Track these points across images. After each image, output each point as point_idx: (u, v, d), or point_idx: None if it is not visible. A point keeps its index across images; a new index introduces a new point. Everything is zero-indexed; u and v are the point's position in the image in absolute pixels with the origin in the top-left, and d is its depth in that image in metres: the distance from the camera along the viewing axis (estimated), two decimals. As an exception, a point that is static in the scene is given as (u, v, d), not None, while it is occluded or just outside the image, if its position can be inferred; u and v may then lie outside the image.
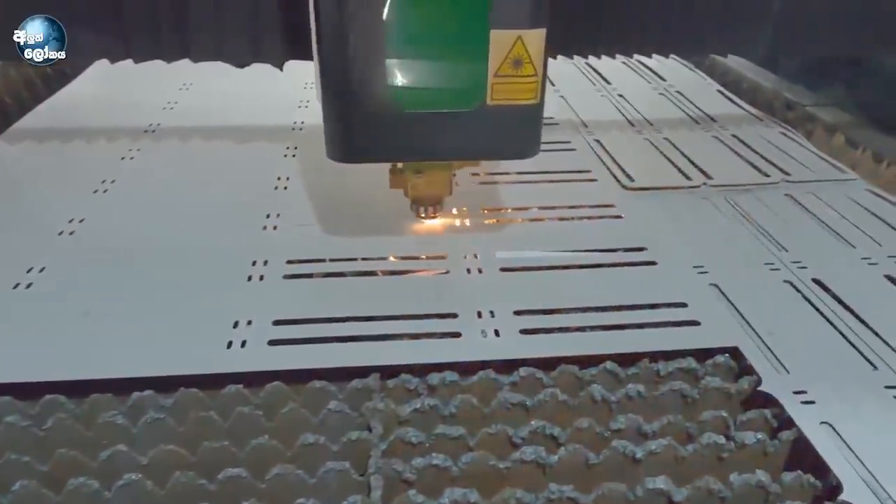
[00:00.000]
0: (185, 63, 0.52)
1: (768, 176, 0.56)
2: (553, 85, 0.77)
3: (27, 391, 0.33)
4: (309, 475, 0.29)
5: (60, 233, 0.46)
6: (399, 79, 0.36)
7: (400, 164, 0.44)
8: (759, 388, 0.34)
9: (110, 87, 0.73)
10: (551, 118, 0.68)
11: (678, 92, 0.75)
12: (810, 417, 0.32)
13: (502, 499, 0.28)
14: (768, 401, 0.33)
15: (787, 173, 0.56)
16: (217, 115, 0.66)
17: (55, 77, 0.79)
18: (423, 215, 0.46)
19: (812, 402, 0.33)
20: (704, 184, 0.54)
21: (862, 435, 0.31)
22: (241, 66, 0.52)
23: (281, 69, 0.52)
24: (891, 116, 0.65)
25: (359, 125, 0.38)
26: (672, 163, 0.58)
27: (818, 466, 0.30)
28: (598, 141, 0.62)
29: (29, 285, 0.40)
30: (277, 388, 0.34)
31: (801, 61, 0.79)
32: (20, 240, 0.45)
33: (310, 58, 0.38)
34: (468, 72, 0.36)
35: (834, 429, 0.31)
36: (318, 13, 0.35)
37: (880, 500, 0.28)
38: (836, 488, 0.29)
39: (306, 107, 0.69)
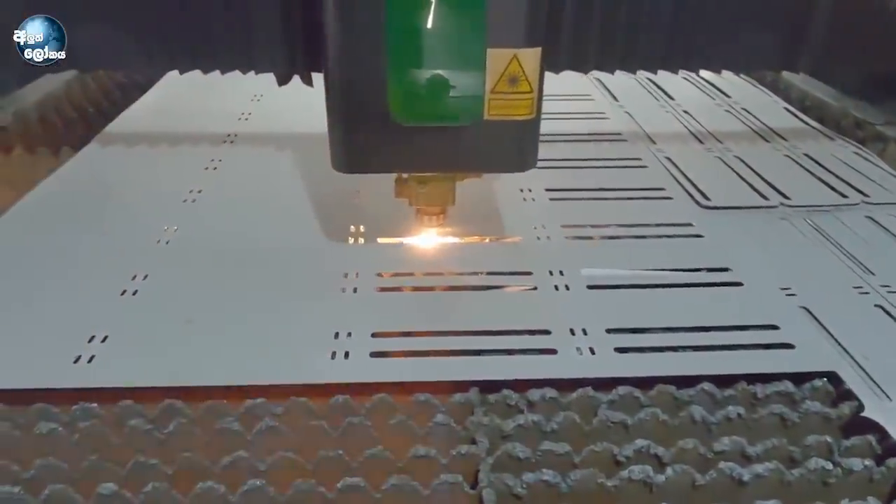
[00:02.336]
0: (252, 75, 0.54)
1: (846, 197, 0.55)
2: (616, 100, 0.78)
3: (145, 396, 0.34)
4: (423, 487, 0.30)
5: (158, 241, 0.48)
6: (399, 94, 0.37)
7: (405, 175, 0.45)
8: (863, 415, 0.34)
9: (185, 97, 0.75)
10: (619, 134, 0.68)
11: (744, 109, 0.75)
12: (917, 445, 0.32)
13: (615, 518, 0.29)
14: (872, 427, 0.33)
15: (865, 194, 0.56)
16: (291, 125, 0.67)
17: (130, 86, 0.82)
18: (427, 224, 0.47)
19: (917, 430, 0.33)
20: (782, 203, 0.54)
21: (972, 465, 0.31)
22: (283, 82, 0.53)
23: (310, 84, 0.53)
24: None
25: (360, 138, 0.40)
26: (746, 181, 0.58)
27: (929, 495, 0.30)
28: (668, 158, 0.63)
29: (135, 292, 0.42)
30: (383, 399, 0.35)
31: (860, 76, 0.79)
32: (122, 247, 0.47)
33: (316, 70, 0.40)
34: (466, 88, 0.37)
35: (943, 457, 0.31)
36: (325, 35, 0.37)
37: None
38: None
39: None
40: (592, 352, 0.38)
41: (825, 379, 0.36)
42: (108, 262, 0.45)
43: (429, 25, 0.35)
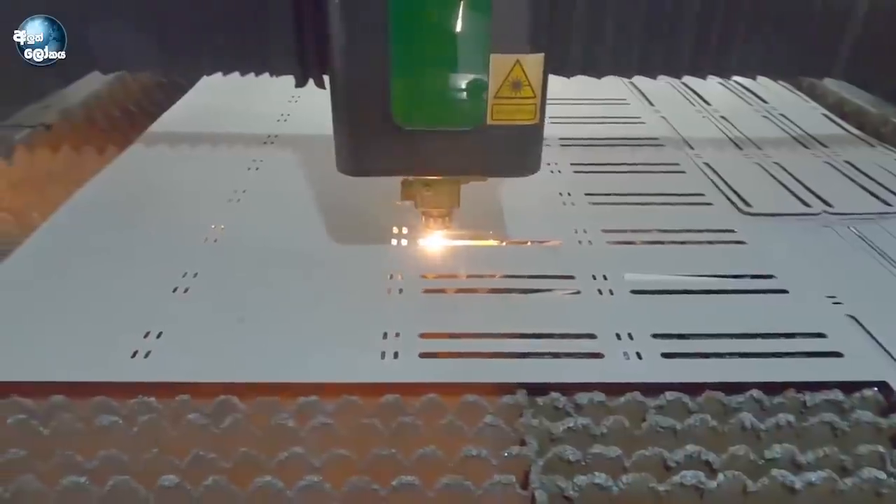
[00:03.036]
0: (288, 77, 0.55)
1: (890, 205, 0.55)
2: (652, 105, 0.77)
3: (200, 391, 0.35)
4: (475, 485, 0.31)
5: (206, 239, 0.49)
6: (402, 98, 0.38)
7: (410, 178, 0.45)
8: (913, 425, 0.34)
9: (224, 99, 0.76)
10: (656, 139, 0.68)
11: (782, 115, 0.75)
12: (972, 457, 0.32)
13: (667, 521, 0.29)
14: (924, 438, 0.33)
15: (909, 202, 0.55)
16: (328, 127, 0.68)
17: (170, 87, 0.83)
18: (433, 226, 0.47)
19: (972, 442, 0.33)
20: (825, 211, 0.54)
21: None
22: (300, 83, 0.54)
23: (323, 87, 0.54)
24: None
25: (365, 142, 0.40)
26: (787, 188, 0.58)
27: None
28: (707, 164, 0.62)
29: (186, 289, 0.43)
30: (433, 399, 0.35)
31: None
32: (172, 246, 0.48)
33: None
34: (469, 93, 0.38)
35: None
36: (329, 38, 0.37)
37: None
38: None
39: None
40: (639, 356, 0.38)
41: (875, 388, 0.36)
42: (160, 260, 0.46)
43: (432, 31, 0.36)
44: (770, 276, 0.45)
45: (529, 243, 0.50)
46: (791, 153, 0.65)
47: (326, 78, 0.54)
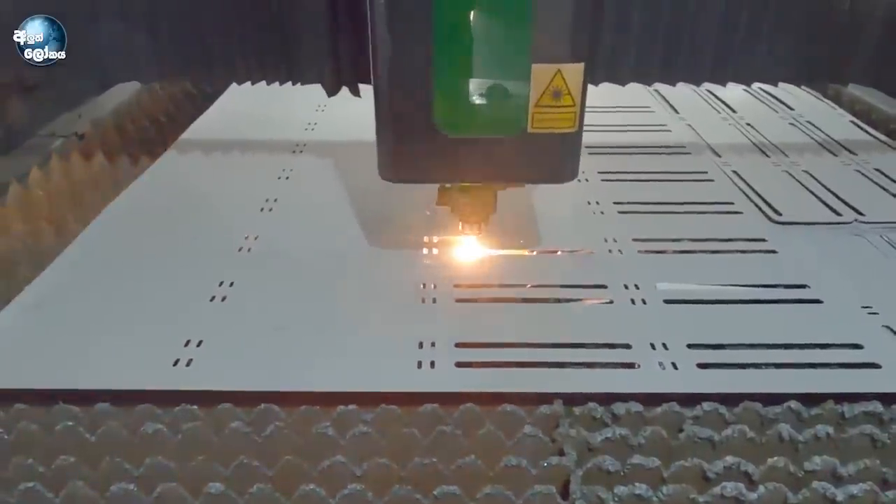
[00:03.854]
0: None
1: (922, 213, 0.55)
2: (677, 112, 0.77)
3: (242, 399, 0.36)
4: (517, 497, 0.31)
5: (240, 249, 0.49)
6: (445, 107, 0.38)
7: (447, 184, 0.45)
8: (954, 437, 0.34)
9: (251, 107, 0.77)
10: (682, 146, 0.68)
11: (809, 122, 0.75)
12: None
13: (708, 532, 0.29)
14: (966, 450, 0.33)
15: (942, 211, 0.55)
16: (358, 134, 0.68)
17: (197, 96, 0.84)
18: (468, 231, 0.47)
19: None
20: (856, 220, 0.54)
21: None
22: (331, 93, 0.55)
23: (358, 94, 0.55)
24: None
25: (407, 148, 0.40)
26: (817, 196, 0.58)
27: None
28: (735, 172, 0.62)
29: (223, 298, 0.44)
30: (470, 409, 0.35)
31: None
32: (207, 255, 0.48)
33: (365, 80, 0.41)
34: (511, 102, 0.38)
35: None
36: (373, 48, 0.38)
37: None
38: None
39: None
40: (675, 367, 0.38)
41: (914, 400, 0.36)
42: (196, 269, 0.47)
43: (476, 41, 0.36)
44: (803, 286, 0.45)
45: (560, 252, 0.50)
46: (819, 160, 0.65)
47: (361, 86, 0.55)
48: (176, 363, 0.38)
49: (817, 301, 0.44)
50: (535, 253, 0.50)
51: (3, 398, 0.36)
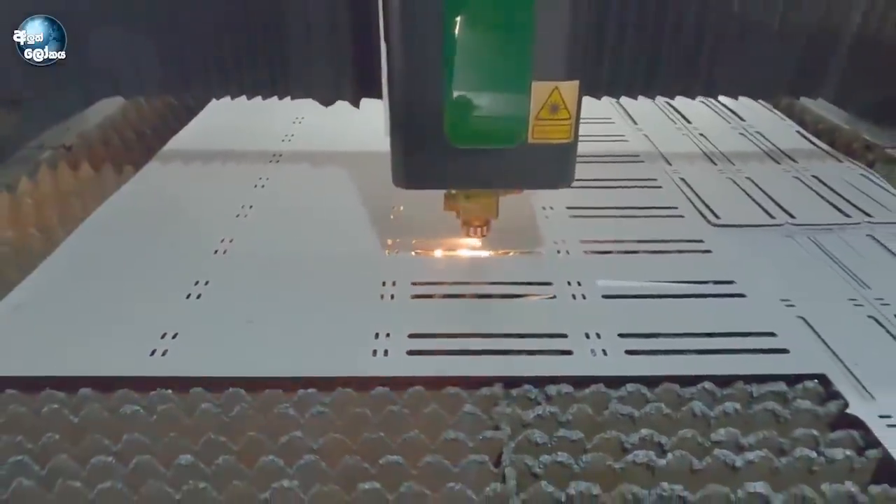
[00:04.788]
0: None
1: (850, 216, 0.59)
2: (636, 124, 0.82)
3: (212, 385, 0.40)
4: (453, 464, 0.35)
5: (216, 251, 0.53)
6: (454, 120, 0.43)
7: (453, 190, 0.50)
8: (847, 412, 0.38)
9: (231, 120, 0.81)
10: (637, 155, 0.72)
11: (758, 132, 0.79)
12: (895, 439, 0.36)
13: (619, 493, 0.33)
14: (855, 423, 0.37)
15: (868, 214, 0.59)
16: (331, 145, 0.73)
17: (180, 110, 0.88)
18: (472, 235, 0.52)
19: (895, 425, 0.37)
20: (787, 222, 0.58)
21: (943, 456, 0.35)
22: (327, 104, 0.60)
23: (357, 106, 0.60)
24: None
25: (419, 158, 0.45)
26: (755, 201, 0.62)
27: (902, 481, 0.34)
28: (682, 179, 0.67)
29: (199, 296, 0.48)
30: (418, 391, 0.39)
31: (874, 101, 0.82)
32: (185, 257, 0.52)
33: (378, 97, 0.46)
34: (513, 116, 0.43)
35: (917, 450, 0.35)
36: (390, 68, 0.42)
37: (960, 512, 0.32)
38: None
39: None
40: (605, 353, 0.42)
41: (816, 381, 0.40)
42: (174, 269, 0.50)
43: (482, 63, 0.41)
44: (731, 282, 0.50)
45: (512, 253, 0.54)
46: (762, 168, 0.70)
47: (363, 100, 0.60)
48: (153, 353, 0.42)
49: (741, 295, 0.48)
50: (489, 254, 0.54)
51: (-6, 384, 0.39)
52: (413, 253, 0.54)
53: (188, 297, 0.48)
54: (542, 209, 0.61)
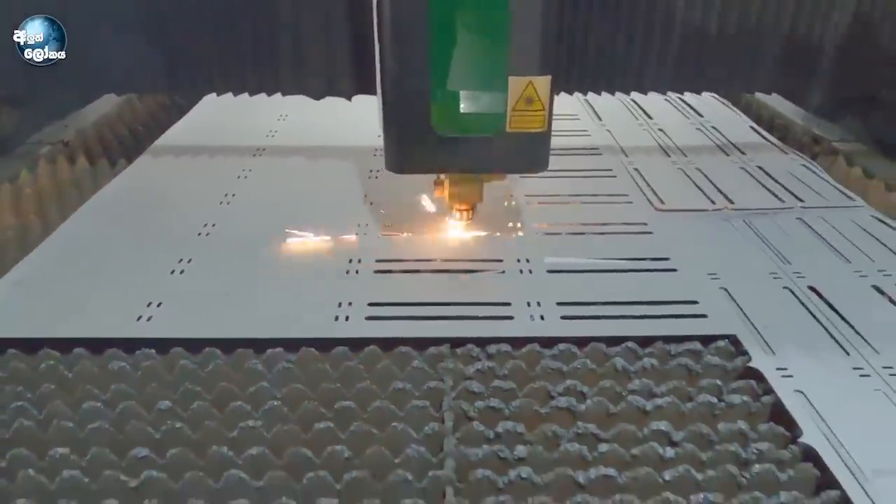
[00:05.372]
0: (278, 98, 0.68)
1: (784, 201, 0.64)
2: (600, 119, 0.87)
3: (190, 346, 0.45)
4: (399, 409, 0.40)
5: (199, 234, 0.58)
6: (440, 112, 0.48)
7: (441, 177, 0.55)
8: (749, 365, 0.43)
9: (219, 118, 0.86)
10: (596, 149, 0.78)
11: (713, 127, 0.84)
12: (787, 387, 0.41)
13: (542, 431, 0.38)
14: (755, 374, 0.42)
15: (801, 199, 0.64)
16: (311, 140, 0.78)
17: (172, 108, 0.94)
18: (459, 218, 0.57)
19: (790, 376, 0.42)
20: (726, 207, 0.63)
21: (826, 399, 0.40)
22: (319, 98, 0.65)
23: (350, 100, 0.66)
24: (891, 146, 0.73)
25: (410, 146, 0.50)
26: (700, 189, 0.67)
27: (789, 421, 0.39)
28: (636, 169, 0.72)
29: (182, 271, 0.53)
30: (373, 350, 0.44)
31: (829, 99, 0.87)
32: (171, 238, 0.57)
33: (372, 93, 0.51)
34: (492, 108, 0.48)
35: (805, 395, 0.40)
36: (382, 66, 0.48)
37: (830, 441, 0.37)
38: (798, 434, 0.37)
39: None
40: (542, 318, 0.47)
41: (727, 340, 0.45)
42: (161, 249, 0.56)
43: (465, 62, 0.47)
44: (665, 259, 0.55)
45: (471, 235, 0.59)
46: (712, 159, 0.75)
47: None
48: (139, 318, 0.47)
49: (673, 270, 0.53)
50: (449, 236, 0.59)
51: (-2, 346, 0.44)
52: (381, 235, 0.59)
53: (172, 272, 0.53)
54: (501, 195, 0.66)
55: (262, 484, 0.35)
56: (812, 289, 0.51)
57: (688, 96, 0.93)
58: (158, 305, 0.48)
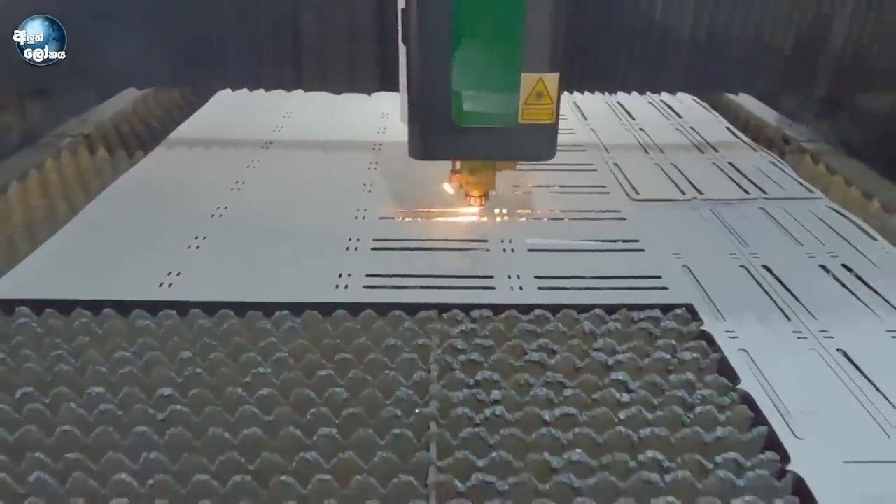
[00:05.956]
0: (282, 96, 0.73)
1: (748, 193, 0.70)
2: (586, 120, 0.93)
3: (207, 308, 0.50)
4: (391, 361, 0.45)
5: (212, 215, 0.64)
6: (461, 105, 0.54)
7: (458, 165, 0.60)
8: (702, 329, 0.48)
9: (229, 114, 0.92)
10: (580, 146, 0.83)
11: (692, 127, 0.90)
12: (733, 346, 0.46)
13: (515, 380, 0.44)
14: (706, 336, 0.48)
15: (765, 191, 0.70)
16: (314, 135, 0.84)
17: (185, 104, 1.00)
18: (472, 204, 0.63)
19: (736, 337, 0.47)
20: (695, 197, 0.69)
21: (765, 356, 0.45)
22: (339, 93, 0.71)
23: (370, 95, 0.71)
24: (863, 149, 0.79)
25: (433, 135, 0.56)
26: (673, 181, 0.73)
27: (730, 373, 0.44)
28: (616, 164, 0.78)
29: (198, 247, 0.58)
30: (369, 313, 0.50)
31: (802, 102, 0.93)
32: (187, 218, 0.63)
33: (393, 89, 0.56)
34: (507, 101, 0.54)
35: (747, 353, 0.46)
36: (409, 66, 0.53)
37: (764, 389, 0.42)
38: (737, 383, 0.43)
39: (383, 132, 0.86)
40: (521, 289, 0.53)
41: (684, 308, 0.51)
42: (179, 227, 0.61)
43: (483, 61, 0.53)
44: (635, 241, 0.60)
45: (461, 218, 0.65)
46: (687, 156, 0.81)
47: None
48: (161, 285, 0.52)
49: (641, 250, 0.59)
50: (439, 219, 0.64)
51: (36, 306, 0.50)
52: (378, 218, 0.64)
53: (189, 247, 0.58)
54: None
55: (272, 418, 0.40)
56: (765, 267, 0.56)
57: (671, 100, 0.99)
58: (178, 275, 0.54)
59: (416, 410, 0.41)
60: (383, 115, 0.90)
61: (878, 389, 0.43)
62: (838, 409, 0.41)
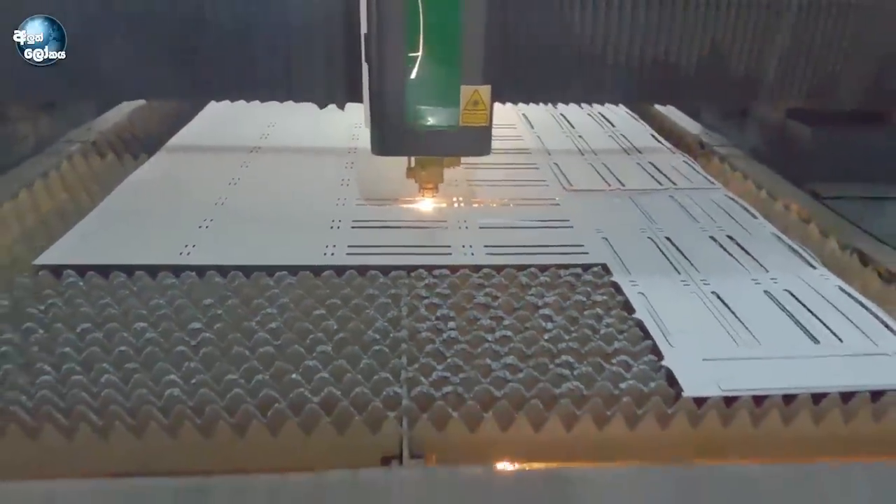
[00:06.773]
0: (265, 107, 0.86)
1: (661, 184, 0.85)
2: (533, 128, 1.08)
3: (220, 270, 0.62)
4: (370, 305, 0.58)
5: (216, 203, 0.76)
6: (413, 109, 0.67)
7: (412, 162, 0.74)
8: (612, 280, 0.62)
9: (221, 123, 1.05)
10: (527, 149, 0.98)
11: (622, 135, 1.05)
12: (634, 290, 0.60)
13: (466, 315, 0.57)
14: (614, 285, 0.62)
15: (674, 183, 0.85)
16: (297, 141, 0.97)
17: (181, 114, 1.12)
18: (426, 195, 0.77)
19: (637, 285, 0.61)
20: (619, 188, 0.84)
21: (657, 297, 0.59)
22: (323, 106, 0.84)
23: (343, 109, 0.84)
24: (761, 151, 0.95)
25: (390, 135, 0.68)
26: (601, 176, 0.87)
27: (629, 307, 0.58)
28: (556, 164, 0.92)
29: (207, 226, 0.71)
30: (351, 273, 0.63)
31: (719, 112, 1.10)
32: (195, 206, 0.75)
33: (360, 101, 0.69)
34: (450, 108, 0.67)
35: (644, 295, 0.60)
36: (370, 78, 0.66)
37: (653, 317, 0.56)
38: (633, 313, 0.57)
39: (357, 139, 1.00)
40: (472, 254, 0.66)
41: (599, 267, 0.65)
42: (188, 214, 0.73)
43: (431, 77, 0.66)
44: (566, 220, 0.74)
45: (425, 205, 0.78)
46: (616, 157, 0.95)
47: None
48: (181, 253, 0.64)
49: (570, 227, 0.73)
50: (406, 206, 0.78)
51: (79, 270, 0.61)
52: (356, 204, 0.77)
53: (199, 227, 0.70)
54: (454, 181, 0.85)
55: (279, 342, 0.53)
56: (667, 238, 0.71)
57: (605, 111, 1.15)
58: (193, 246, 0.66)
59: (391, 335, 0.54)
60: (357, 125, 1.04)
61: (737, 317, 0.57)
62: (705, 329, 0.55)
